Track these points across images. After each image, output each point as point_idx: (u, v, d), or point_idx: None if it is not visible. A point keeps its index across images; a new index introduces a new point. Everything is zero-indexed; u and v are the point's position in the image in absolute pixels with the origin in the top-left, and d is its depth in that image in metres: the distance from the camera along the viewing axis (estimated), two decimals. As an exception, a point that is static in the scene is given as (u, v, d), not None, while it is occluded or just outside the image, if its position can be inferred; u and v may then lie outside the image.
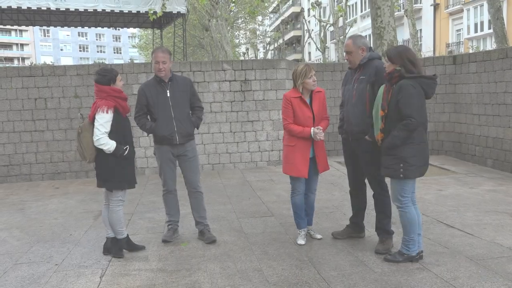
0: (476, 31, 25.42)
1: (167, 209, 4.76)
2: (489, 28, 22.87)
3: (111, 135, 4.05)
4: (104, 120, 3.98)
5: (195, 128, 4.68)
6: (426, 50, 28.32)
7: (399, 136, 3.62)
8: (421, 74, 3.66)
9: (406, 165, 3.65)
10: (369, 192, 4.47)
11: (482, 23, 24.92)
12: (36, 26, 22.86)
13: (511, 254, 3.95)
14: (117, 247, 4.27)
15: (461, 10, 26.72)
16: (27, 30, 73.04)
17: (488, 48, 22.32)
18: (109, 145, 4.00)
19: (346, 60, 4.34)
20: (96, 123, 4.00)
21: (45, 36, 77.55)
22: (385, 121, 3.74)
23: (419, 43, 25.70)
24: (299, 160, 4.21)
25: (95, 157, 4.12)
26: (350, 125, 4.22)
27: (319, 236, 4.53)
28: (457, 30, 27.82)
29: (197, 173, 4.69)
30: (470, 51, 21.31)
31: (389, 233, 4.19)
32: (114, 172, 4.09)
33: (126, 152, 4.11)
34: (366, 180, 4.48)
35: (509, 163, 7.74)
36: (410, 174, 3.67)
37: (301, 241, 4.38)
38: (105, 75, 4.07)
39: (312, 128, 4.17)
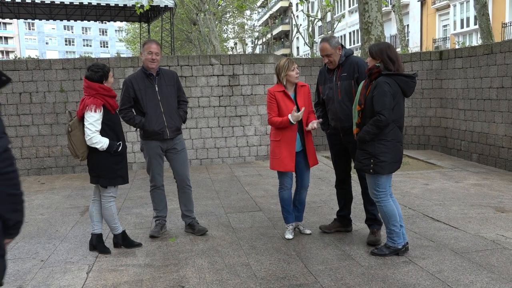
0: (462, 26, 25.66)
1: (154, 205, 4.72)
2: (475, 24, 23.13)
3: (103, 132, 4.01)
4: (93, 119, 3.93)
5: (183, 123, 4.67)
6: (413, 45, 28.54)
7: (368, 132, 3.69)
8: (398, 72, 3.69)
9: (376, 161, 3.71)
10: (356, 187, 4.51)
11: (468, 19, 25.16)
12: (20, 19, 22.48)
13: (495, 247, 4.02)
14: (102, 243, 4.24)
15: (448, 6, 26.94)
16: (11, 23, 71.80)
17: (474, 43, 22.57)
18: (102, 143, 3.96)
19: (325, 63, 4.30)
20: (86, 123, 3.94)
21: (30, 29, 76.33)
22: (361, 116, 3.79)
23: (406, 38, 25.87)
24: (285, 155, 4.23)
25: (88, 154, 4.08)
26: (340, 122, 4.26)
27: (308, 232, 4.54)
28: (444, 26, 28.06)
29: (186, 166, 4.67)
30: (456, 46, 21.51)
31: (380, 224, 4.29)
32: (107, 168, 4.06)
33: (120, 148, 4.08)
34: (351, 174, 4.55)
35: (493, 157, 7.86)
36: (380, 170, 3.72)
37: (288, 236, 4.40)
38: (97, 72, 3.99)
39: (289, 115, 4.11)
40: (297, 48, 50.48)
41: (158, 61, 4.43)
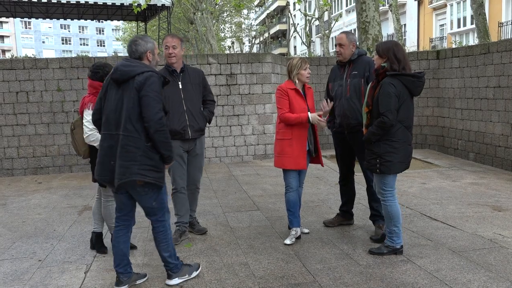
0: (459, 26, 25.71)
1: (176, 210, 4.45)
2: (472, 24, 23.18)
3: None
4: (91, 117, 3.92)
5: (207, 123, 4.48)
6: (410, 44, 28.59)
7: (373, 133, 3.70)
8: (403, 72, 3.68)
9: (382, 161, 3.72)
10: (358, 185, 4.51)
11: (465, 18, 25.22)
12: (17, 18, 22.39)
13: (493, 245, 4.04)
14: (101, 243, 4.23)
15: (445, 6, 26.99)
16: (7, 22, 71.49)
17: (471, 43, 22.62)
18: (99, 141, 3.92)
19: (336, 52, 4.42)
20: (84, 120, 3.93)
21: (26, 28, 76.01)
22: (370, 117, 3.79)
23: (403, 37, 25.91)
24: (297, 153, 4.20)
25: (89, 152, 4.08)
26: (347, 119, 4.32)
27: (306, 230, 4.55)
28: (441, 25, 28.10)
29: (200, 170, 4.53)
30: (453, 46, 21.57)
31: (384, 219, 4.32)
32: None
33: None
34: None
35: (490, 156, 7.88)
36: (385, 169, 3.73)
37: (288, 241, 4.25)
38: (97, 72, 3.97)
39: (309, 113, 4.14)
40: (295, 47, 50.48)
41: (178, 55, 4.20)
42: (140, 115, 3.08)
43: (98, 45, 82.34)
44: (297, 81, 4.24)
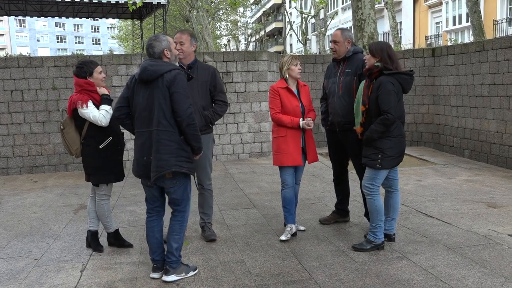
0: (454, 24, 25.77)
1: None
2: (467, 21, 23.24)
3: (93, 128, 3.96)
4: (89, 111, 3.90)
5: (209, 124, 4.20)
6: (406, 42, 28.63)
7: (376, 131, 3.77)
8: (399, 71, 3.79)
9: (384, 156, 3.79)
10: (352, 182, 4.53)
11: (460, 16, 25.28)
12: (11, 16, 22.25)
13: (487, 242, 4.06)
14: (96, 241, 4.22)
15: (440, 3, 27.04)
16: (1, 20, 71.05)
17: (466, 40, 22.68)
18: (100, 116, 3.88)
19: (331, 49, 4.43)
20: (87, 118, 3.92)
21: (21, 26, 75.56)
22: (366, 115, 3.87)
23: (399, 35, 25.95)
24: (292, 149, 4.23)
25: (81, 151, 4.07)
26: (337, 117, 4.33)
27: (302, 228, 4.56)
28: (436, 23, 28.16)
29: (205, 169, 4.29)
30: (449, 43, 21.63)
31: None
32: (98, 165, 4.02)
33: (106, 143, 4.01)
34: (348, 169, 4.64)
35: (485, 153, 7.92)
36: (386, 164, 3.81)
37: (283, 237, 4.27)
38: (81, 68, 3.96)
39: (301, 119, 4.20)
40: (291, 45, 50.46)
41: (185, 51, 4.08)
42: (172, 110, 3.29)
43: (93, 43, 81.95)
44: (288, 78, 4.26)
